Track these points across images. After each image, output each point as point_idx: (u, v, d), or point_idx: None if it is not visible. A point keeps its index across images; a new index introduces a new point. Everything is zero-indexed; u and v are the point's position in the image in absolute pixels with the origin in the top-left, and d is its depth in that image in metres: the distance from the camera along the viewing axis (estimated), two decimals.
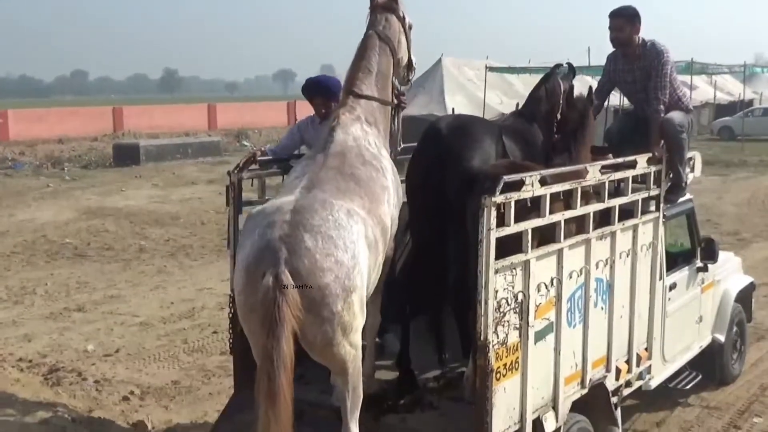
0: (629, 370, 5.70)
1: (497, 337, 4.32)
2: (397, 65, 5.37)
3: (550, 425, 4.79)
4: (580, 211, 4.92)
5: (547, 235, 4.70)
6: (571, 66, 6.27)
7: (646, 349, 5.94)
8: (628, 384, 5.77)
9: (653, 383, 6.15)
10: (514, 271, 4.41)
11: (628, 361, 5.69)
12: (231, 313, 5.24)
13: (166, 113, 43.06)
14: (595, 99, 6.33)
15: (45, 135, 34.69)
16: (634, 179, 5.63)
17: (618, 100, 10.79)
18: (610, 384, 5.46)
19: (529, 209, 4.48)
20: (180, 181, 23.64)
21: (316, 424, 4.62)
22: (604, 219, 5.25)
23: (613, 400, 5.48)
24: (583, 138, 5.87)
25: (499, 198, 4.20)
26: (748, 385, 7.62)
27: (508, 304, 4.39)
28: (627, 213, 5.51)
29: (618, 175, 5.45)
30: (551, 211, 4.64)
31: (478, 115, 8.76)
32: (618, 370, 5.54)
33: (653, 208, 5.89)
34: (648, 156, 5.75)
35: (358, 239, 4.14)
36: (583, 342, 5.10)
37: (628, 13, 6.37)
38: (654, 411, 6.89)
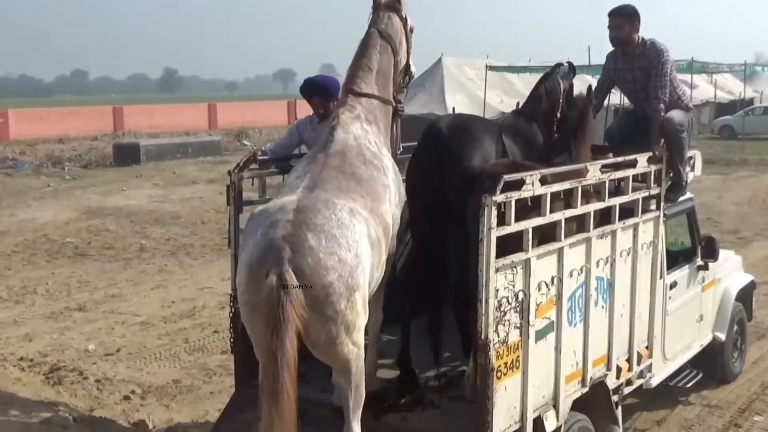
0: (630, 369, 5.70)
1: (498, 335, 4.32)
2: (395, 67, 5.33)
3: (550, 424, 4.79)
4: (580, 210, 4.92)
5: (547, 234, 4.70)
6: (572, 65, 6.26)
7: (647, 347, 5.94)
8: (628, 382, 5.78)
9: (654, 382, 6.15)
10: (514, 269, 4.42)
11: (629, 359, 5.69)
12: (232, 312, 5.25)
13: (167, 113, 43.11)
14: (594, 98, 6.34)
15: (45, 134, 34.78)
16: (635, 178, 5.63)
17: (618, 98, 10.80)
18: (611, 382, 5.46)
19: (529, 208, 4.49)
20: (180, 180, 23.63)
21: (317, 423, 4.62)
22: (604, 218, 5.25)
23: (613, 398, 5.48)
24: (583, 137, 5.87)
25: (499, 197, 4.20)
26: (749, 383, 7.63)
27: (509, 303, 4.39)
28: (627, 212, 5.52)
29: (618, 174, 5.45)
30: (552, 210, 4.65)
31: (478, 115, 8.76)
32: (619, 369, 5.54)
33: (654, 206, 5.89)
34: (648, 155, 5.75)
35: (360, 238, 4.15)
36: (584, 340, 5.10)
37: (627, 12, 6.37)
38: (655, 409, 6.90)
